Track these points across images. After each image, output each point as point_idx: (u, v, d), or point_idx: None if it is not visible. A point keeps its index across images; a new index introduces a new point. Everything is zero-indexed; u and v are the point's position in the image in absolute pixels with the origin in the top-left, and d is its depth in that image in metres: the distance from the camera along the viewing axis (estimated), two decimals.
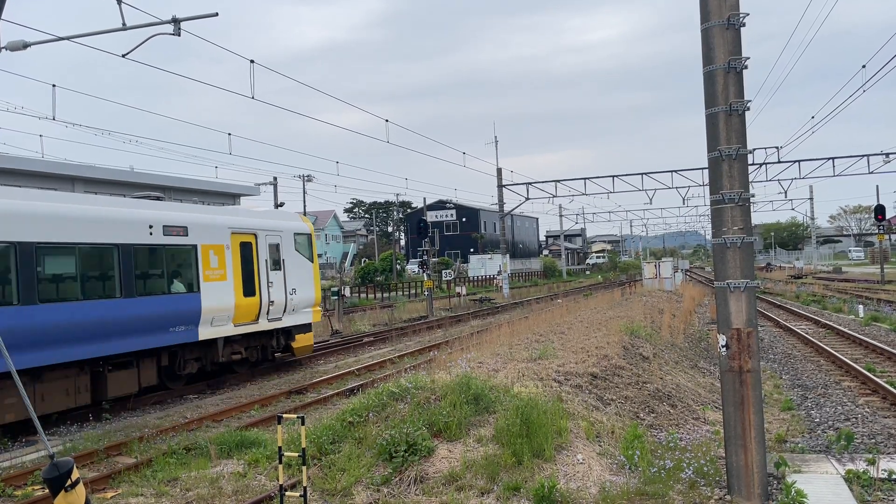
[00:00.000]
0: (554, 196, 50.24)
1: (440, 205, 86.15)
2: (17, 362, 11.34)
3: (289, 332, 19.81)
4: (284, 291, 19.21)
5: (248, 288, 17.93)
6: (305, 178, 54.36)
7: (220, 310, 16.92)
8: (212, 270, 16.85)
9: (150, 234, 15.39)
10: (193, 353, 16.75)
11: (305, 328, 20.32)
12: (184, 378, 16.96)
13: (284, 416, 8.09)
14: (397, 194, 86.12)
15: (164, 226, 15.78)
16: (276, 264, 19.07)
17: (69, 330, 13.28)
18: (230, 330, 17.40)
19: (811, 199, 79.84)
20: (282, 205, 49.57)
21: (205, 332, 16.57)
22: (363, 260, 76.49)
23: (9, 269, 12.47)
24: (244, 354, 18.37)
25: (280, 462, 7.59)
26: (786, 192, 52.84)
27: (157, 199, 16.93)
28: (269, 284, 18.66)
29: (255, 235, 18.40)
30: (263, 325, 18.50)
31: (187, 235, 16.33)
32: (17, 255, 12.55)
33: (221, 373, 18.20)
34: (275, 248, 19.09)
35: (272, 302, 18.73)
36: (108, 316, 14.15)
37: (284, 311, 19.26)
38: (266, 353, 19.39)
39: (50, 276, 13.26)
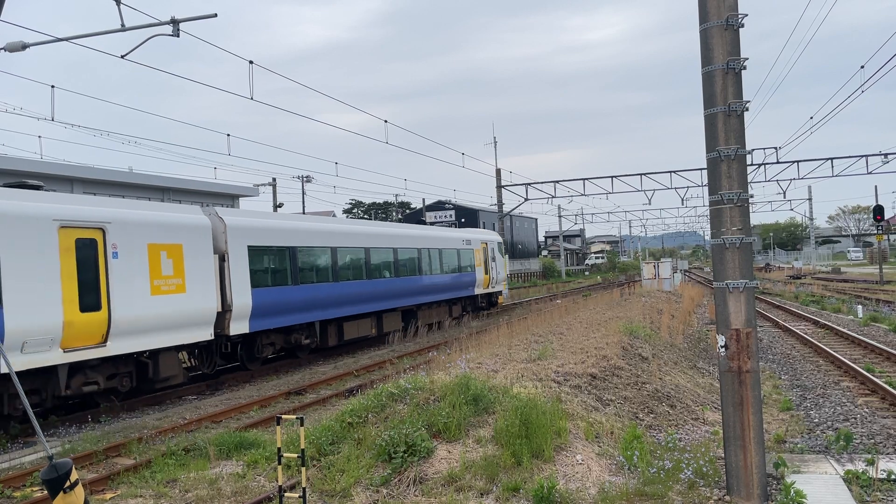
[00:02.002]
0: (553, 196, 50.09)
1: (439, 205, 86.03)
2: (429, 298, 28.67)
3: (495, 294, 37.08)
4: (496, 273, 36.27)
5: (486, 270, 34.93)
6: (304, 179, 54.30)
7: (479, 280, 34.04)
8: (477, 261, 33.85)
9: (463, 242, 32.57)
10: (470, 302, 34.13)
11: (501, 293, 38.02)
12: (470, 314, 33.79)
13: (283, 416, 8.08)
14: (396, 195, 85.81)
15: (465, 239, 32.99)
16: (492, 258, 35.96)
17: (451, 285, 30.80)
18: (481, 290, 34.51)
19: (810, 199, 79.80)
20: (281, 206, 49.51)
21: (475, 291, 33.79)
22: None
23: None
24: (484, 304, 35.83)
25: (279, 463, 7.59)
26: (784, 193, 52.54)
27: (453, 226, 38.69)
28: (490, 269, 35.49)
29: (486, 243, 35.54)
30: (489, 289, 35.61)
31: (470, 244, 33.36)
32: (437, 255, 29.82)
33: (478, 310, 35.09)
34: (491, 250, 35.98)
35: (492, 278, 35.72)
36: (458, 281, 31.58)
37: (496, 283, 36.36)
38: (488, 305, 36.28)
39: (447, 264, 30.58)
